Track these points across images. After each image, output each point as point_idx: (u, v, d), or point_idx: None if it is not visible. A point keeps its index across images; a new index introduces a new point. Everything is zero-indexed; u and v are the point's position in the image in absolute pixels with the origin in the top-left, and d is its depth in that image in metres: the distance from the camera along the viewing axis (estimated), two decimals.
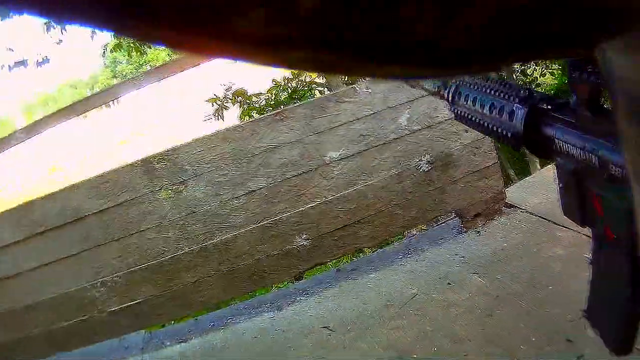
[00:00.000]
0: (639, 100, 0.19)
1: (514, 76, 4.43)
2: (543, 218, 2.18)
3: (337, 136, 2.01)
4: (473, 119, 0.63)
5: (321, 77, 3.72)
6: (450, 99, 0.69)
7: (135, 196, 2.06)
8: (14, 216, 2.15)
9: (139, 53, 4.99)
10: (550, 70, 5.27)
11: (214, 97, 2.74)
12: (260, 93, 3.55)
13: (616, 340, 0.49)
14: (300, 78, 3.64)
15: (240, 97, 3.25)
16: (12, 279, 2.20)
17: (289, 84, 3.69)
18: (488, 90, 0.60)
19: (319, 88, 3.95)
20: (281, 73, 3.52)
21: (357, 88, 2.06)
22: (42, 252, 2.15)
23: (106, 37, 5.97)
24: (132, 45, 4.62)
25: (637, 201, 0.23)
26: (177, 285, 2.13)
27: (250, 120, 2.06)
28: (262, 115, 2.00)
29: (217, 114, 2.70)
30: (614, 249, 0.47)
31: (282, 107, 2.25)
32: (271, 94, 3.63)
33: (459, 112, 0.67)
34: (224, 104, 2.67)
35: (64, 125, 2.24)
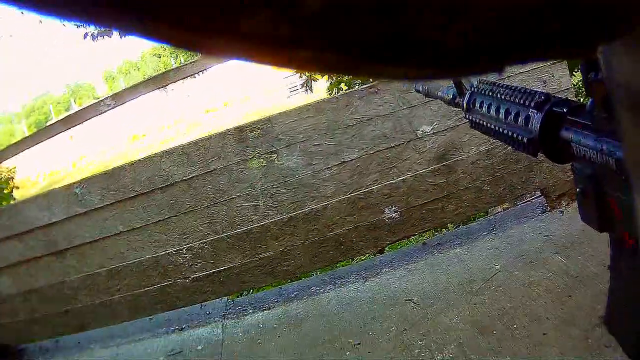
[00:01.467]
0: (639, 97, 0.20)
1: None
2: None
3: (430, 110, 2.02)
4: (489, 125, 0.62)
5: None
6: (465, 107, 0.68)
7: (226, 164, 2.08)
8: (103, 181, 2.18)
9: None
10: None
11: None
12: None
13: (636, 348, 0.49)
14: None
15: None
16: (98, 243, 2.24)
17: None
18: (503, 97, 0.59)
19: None
20: None
21: None
22: (129, 217, 2.18)
23: None
24: None
25: (638, 198, 0.23)
26: (264, 254, 2.15)
27: (345, 92, 2.07)
28: (355, 89, 2.00)
29: (305, 85, 2.72)
30: (634, 254, 0.46)
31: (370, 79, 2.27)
32: None
33: (474, 119, 0.66)
34: (313, 75, 2.68)
35: (149, 94, 2.26)
